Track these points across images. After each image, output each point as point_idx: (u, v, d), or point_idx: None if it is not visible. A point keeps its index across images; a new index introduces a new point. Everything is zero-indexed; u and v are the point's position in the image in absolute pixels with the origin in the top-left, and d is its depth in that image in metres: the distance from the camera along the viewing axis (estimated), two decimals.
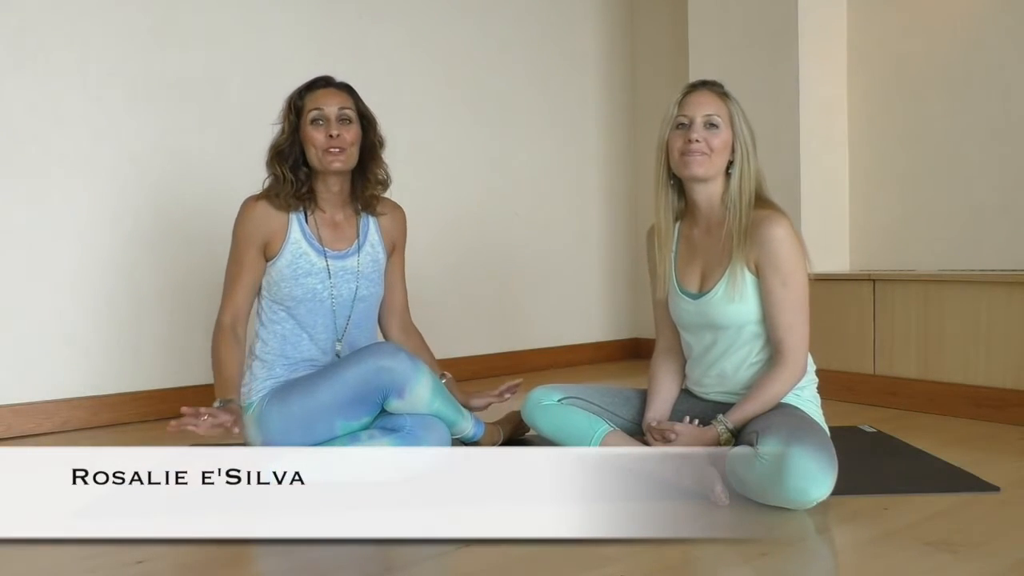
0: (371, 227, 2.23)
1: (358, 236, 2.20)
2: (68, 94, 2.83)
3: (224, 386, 2.02)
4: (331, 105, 2.06)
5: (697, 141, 1.90)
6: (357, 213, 2.21)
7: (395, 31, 3.59)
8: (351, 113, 2.09)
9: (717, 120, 1.91)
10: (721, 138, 1.92)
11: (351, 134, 2.08)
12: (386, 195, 2.29)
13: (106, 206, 2.91)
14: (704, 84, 1.98)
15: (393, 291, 2.33)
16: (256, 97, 3.04)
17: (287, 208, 2.10)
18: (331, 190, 2.14)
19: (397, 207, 2.30)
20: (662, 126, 1.98)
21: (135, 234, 2.97)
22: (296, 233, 2.10)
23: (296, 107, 2.09)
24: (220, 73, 3.13)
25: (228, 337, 2.07)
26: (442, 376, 2.24)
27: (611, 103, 4.40)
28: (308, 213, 2.13)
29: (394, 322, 2.35)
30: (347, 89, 2.14)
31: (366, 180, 2.18)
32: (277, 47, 3.25)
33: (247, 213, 2.09)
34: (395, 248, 2.30)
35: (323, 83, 2.12)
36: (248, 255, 2.08)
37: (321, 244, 2.13)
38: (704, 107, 1.92)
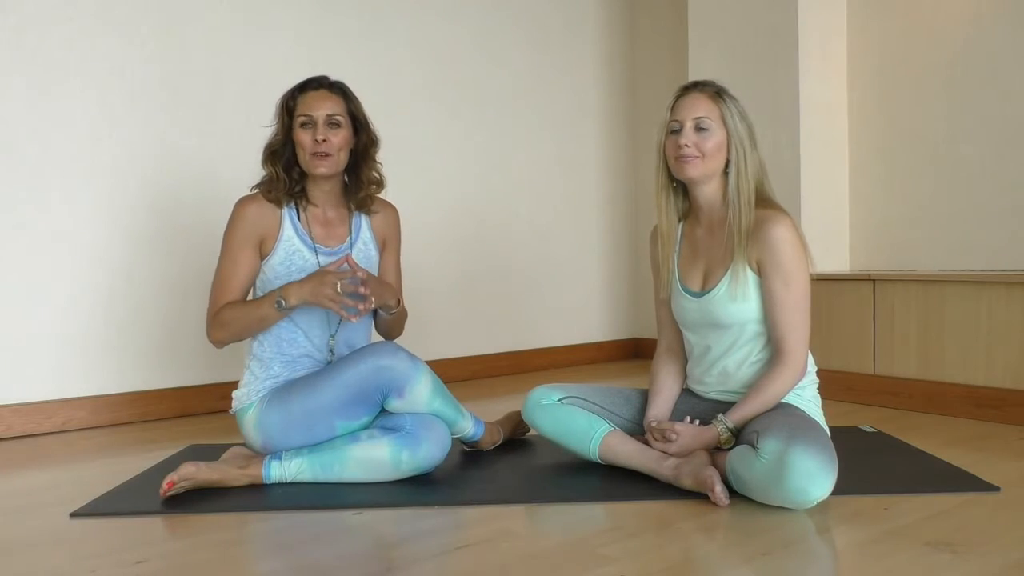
0: (363, 224, 2.23)
1: (350, 233, 2.20)
2: (68, 93, 2.83)
3: (262, 298, 2.03)
4: (320, 110, 2.06)
5: (687, 146, 1.90)
6: (350, 211, 2.22)
7: (394, 32, 3.59)
8: (340, 118, 2.09)
9: (707, 123, 1.90)
10: (714, 140, 1.91)
11: (339, 138, 2.08)
12: (385, 195, 2.29)
13: (106, 206, 2.91)
14: (696, 85, 1.97)
15: None
16: (256, 97, 3.04)
17: (280, 203, 2.11)
18: (322, 190, 2.15)
19: (389, 205, 2.30)
20: (658, 131, 1.98)
21: (135, 234, 2.97)
22: (289, 230, 2.11)
23: (288, 108, 2.10)
24: (220, 73, 3.13)
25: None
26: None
27: (611, 104, 4.40)
28: (300, 210, 2.14)
29: None
30: (340, 91, 2.13)
31: (359, 181, 2.18)
32: (277, 47, 3.25)
33: (241, 212, 2.09)
34: (387, 245, 2.30)
35: (315, 84, 2.11)
36: (244, 254, 2.08)
37: (313, 241, 2.13)
38: (694, 110, 1.91)
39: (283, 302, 1.98)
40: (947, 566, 1.43)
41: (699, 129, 1.90)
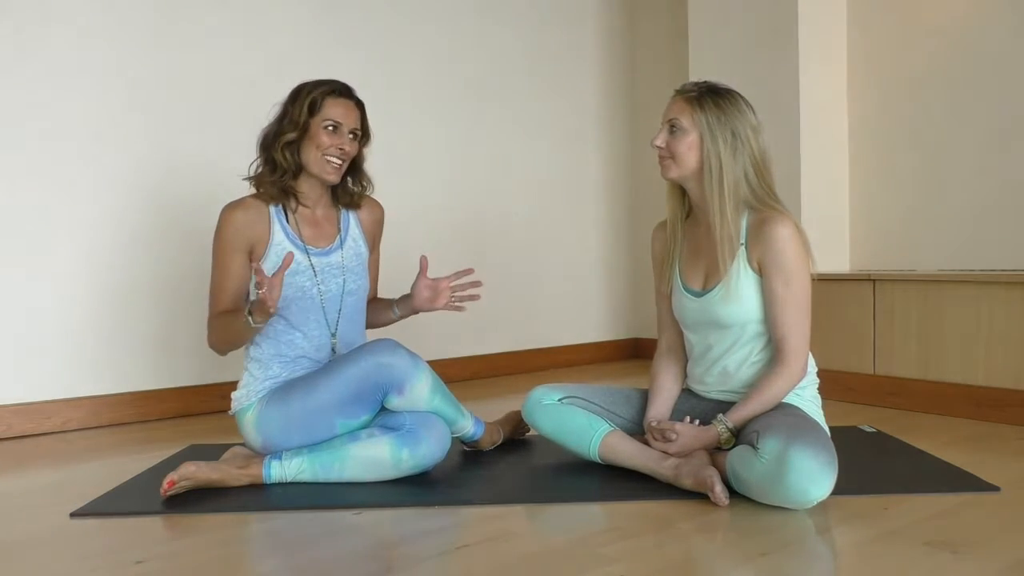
0: (351, 222, 2.25)
1: (339, 232, 2.21)
2: (68, 94, 2.83)
3: (237, 313, 2.00)
4: (349, 121, 2.10)
5: (658, 148, 1.94)
6: (337, 210, 2.24)
7: (394, 31, 3.59)
8: (357, 133, 2.14)
9: (679, 124, 1.92)
10: (686, 141, 1.91)
11: (353, 150, 2.13)
12: (384, 195, 2.30)
13: (106, 206, 2.91)
14: (681, 89, 1.98)
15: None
16: (256, 97, 3.04)
17: (269, 200, 2.11)
18: (314, 190, 2.17)
19: (375, 202, 2.32)
20: None
21: (135, 234, 2.97)
22: (279, 235, 2.11)
23: (312, 105, 2.09)
24: (220, 73, 3.13)
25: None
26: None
27: (611, 103, 4.40)
28: (289, 212, 2.14)
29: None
30: (361, 107, 2.17)
31: (349, 185, 2.21)
32: (277, 47, 3.25)
33: (229, 219, 2.08)
34: (374, 243, 2.32)
35: (344, 93, 2.12)
36: (235, 262, 2.08)
37: (303, 242, 2.14)
38: (669, 112, 1.95)
39: (250, 320, 1.94)
40: (947, 566, 1.43)
41: (672, 130, 1.93)
